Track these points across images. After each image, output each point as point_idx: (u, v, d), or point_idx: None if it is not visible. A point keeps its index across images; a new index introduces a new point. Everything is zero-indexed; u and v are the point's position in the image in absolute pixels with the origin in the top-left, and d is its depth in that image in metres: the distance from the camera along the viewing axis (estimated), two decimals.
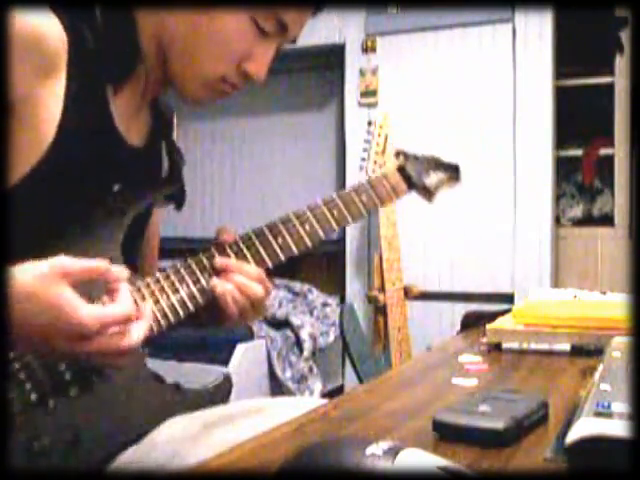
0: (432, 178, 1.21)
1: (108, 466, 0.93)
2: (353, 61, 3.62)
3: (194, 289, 0.94)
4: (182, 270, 0.94)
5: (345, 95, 3.67)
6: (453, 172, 1.26)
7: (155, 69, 0.98)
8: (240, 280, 0.94)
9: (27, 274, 0.75)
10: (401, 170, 1.17)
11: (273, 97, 4.13)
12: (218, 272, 0.95)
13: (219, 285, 0.94)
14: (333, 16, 3.62)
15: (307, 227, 1.02)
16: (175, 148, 1.11)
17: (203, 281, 0.94)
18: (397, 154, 1.20)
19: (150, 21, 0.94)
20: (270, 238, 0.99)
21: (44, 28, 0.84)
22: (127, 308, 0.80)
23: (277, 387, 3.19)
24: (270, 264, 0.99)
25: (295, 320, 3.38)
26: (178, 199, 1.07)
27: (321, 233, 1.03)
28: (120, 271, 0.81)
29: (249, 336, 3.19)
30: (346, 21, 3.62)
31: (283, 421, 0.83)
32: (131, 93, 0.96)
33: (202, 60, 0.93)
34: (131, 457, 0.94)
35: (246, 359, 3.05)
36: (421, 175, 1.19)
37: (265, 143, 4.16)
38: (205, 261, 0.96)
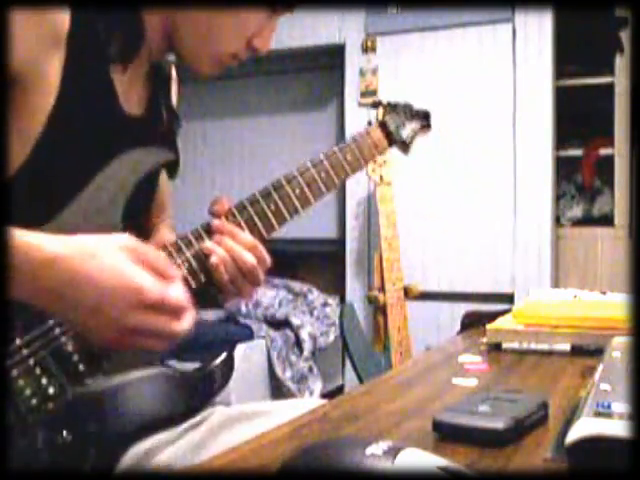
0: (407, 129, 1.21)
1: (119, 461, 0.93)
2: (353, 61, 3.62)
3: (189, 256, 0.94)
4: (179, 241, 0.95)
5: (345, 95, 3.67)
6: (424, 120, 1.25)
7: (159, 43, 0.98)
8: (230, 244, 0.94)
9: (90, 238, 0.78)
10: (382, 125, 1.17)
11: (273, 97, 4.13)
12: (212, 236, 0.96)
13: (210, 247, 0.94)
14: (333, 16, 3.62)
15: (297, 191, 1.02)
16: (173, 113, 1.10)
17: (197, 247, 0.94)
18: (376, 105, 1.21)
19: None
20: (264, 206, 0.99)
21: (51, 4, 0.85)
22: (184, 296, 0.82)
23: (277, 387, 3.19)
24: (265, 232, 0.99)
25: (295, 320, 3.38)
26: (171, 168, 1.07)
27: (311, 198, 1.03)
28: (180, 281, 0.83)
29: (249, 336, 3.20)
30: (346, 21, 3.62)
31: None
32: (134, 67, 0.96)
33: (216, 39, 0.95)
34: (134, 462, 0.94)
35: (246, 359, 3.05)
36: (399, 128, 1.19)
37: (265, 143, 4.16)
38: (200, 230, 0.96)
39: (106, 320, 0.77)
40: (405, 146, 1.21)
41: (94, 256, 0.77)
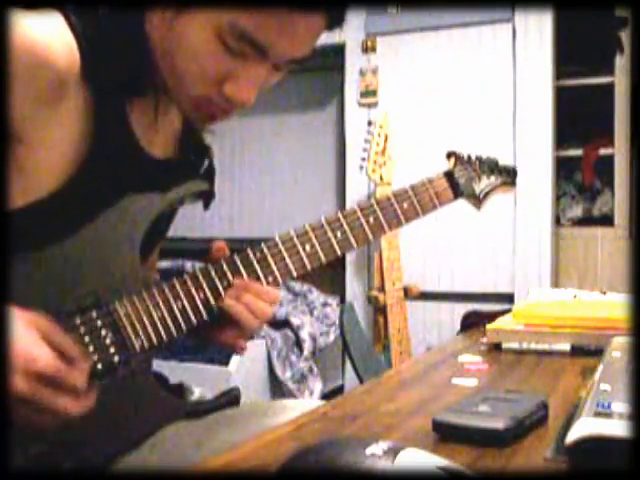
0: (483, 183, 1.12)
1: (110, 468, 0.93)
2: (353, 61, 3.62)
3: (198, 301, 0.91)
4: (189, 282, 0.91)
5: (345, 95, 3.67)
6: (508, 176, 1.16)
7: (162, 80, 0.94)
8: (249, 299, 0.91)
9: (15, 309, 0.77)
10: (449, 175, 1.08)
11: (273, 97, 4.12)
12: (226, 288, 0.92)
13: (233, 305, 0.91)
14: None
15: (338, 234, 0.95)
16: (204, 151, 1.06)
17: (210, 296, 0.92)
18: (448, 155, 1.11)
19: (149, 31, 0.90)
20: (298, 245, 0.94)
21: (53, 47, 0.79)
22: (84, 377, 0.79)
23: (277, 387, 3.19)
24: (289, 274, 0.94)
25: (295, 320, 3.38)
26: (204, 197, 1.04)
27: (353, 241, 0.97)
28: (86, 367, 0.81)
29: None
30: (346, 21, 3.62)
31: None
32: (146, 103, 0.93)
33: (183, 77, 0.87)
34: (133, 460, 0.94)
35: (246, 359, 3.05)
36: (471, 181, 1.10)
37: (265, 143, 4.16)
38: (213, 274, 0.92)
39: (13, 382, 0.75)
40: (477, 200, 1.12)
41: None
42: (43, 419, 0.78)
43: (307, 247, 0.94)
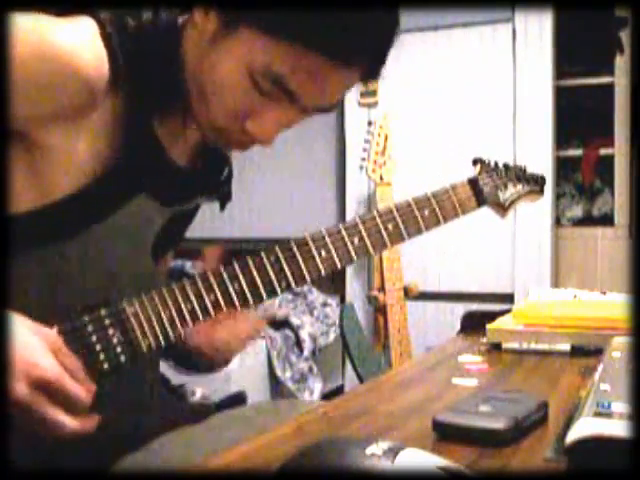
0: (509, 191, 1.09)
1: (110, 468, 0.93)
2: None
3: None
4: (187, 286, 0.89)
5: (345, 95, 3.67)
6: (535, 184, 1.13)
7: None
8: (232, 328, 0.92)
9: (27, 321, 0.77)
10: (473, 182, 1.04)
11: None
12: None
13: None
14: None
15: (356, 240, 0.93)
16: (223, 159, 1.06)
17: (220, 298, 0.90)
18: (474, 162, 1.07)
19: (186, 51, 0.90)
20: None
21: (82, 58, 0.79)
22: (87, 396, 0.78)
23: (277, 387, 3.19)
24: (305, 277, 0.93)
25: (295, 320, 3.38)
26: (223, 199, 1.04)
27: (370, 248, 0.94)
28: (90, 388, 0.80)
29: None
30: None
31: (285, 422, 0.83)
32: (174, 115, 0.93)
33: (208, 104, 0.87)
34: (133, 461, 0.94)
35: (246, 359, 3.05)
36: (496, 189, 1.06)
37: None
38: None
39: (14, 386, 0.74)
40: (502, 209, 1.09)
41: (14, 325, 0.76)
42: (40, 430, 0.77)
43: (323, 252, 0.93)
